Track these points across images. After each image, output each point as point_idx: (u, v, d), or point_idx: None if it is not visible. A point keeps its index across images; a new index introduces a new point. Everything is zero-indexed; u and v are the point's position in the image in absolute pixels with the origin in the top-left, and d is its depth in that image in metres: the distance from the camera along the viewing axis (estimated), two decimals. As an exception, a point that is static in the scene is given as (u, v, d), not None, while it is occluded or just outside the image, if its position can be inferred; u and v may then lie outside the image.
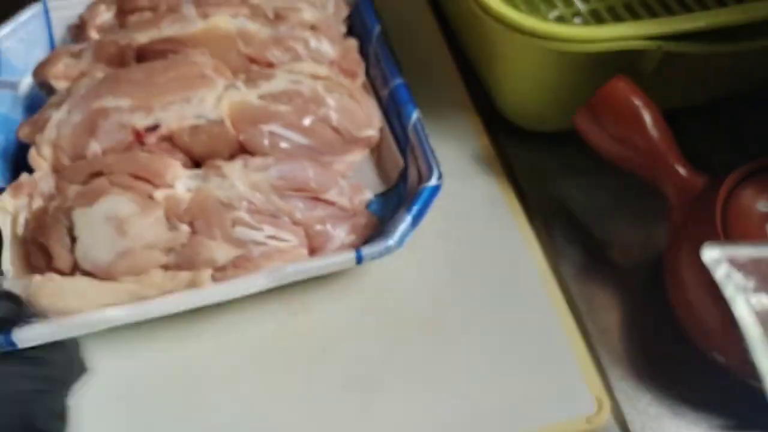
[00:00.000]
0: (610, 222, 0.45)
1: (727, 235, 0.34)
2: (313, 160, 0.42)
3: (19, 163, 0.43)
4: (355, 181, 0.43)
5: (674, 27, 0.38)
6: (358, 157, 0.45)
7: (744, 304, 0.24)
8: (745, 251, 0.24)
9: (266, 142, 0.41)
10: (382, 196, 0.44)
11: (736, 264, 0.24)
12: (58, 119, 0.41)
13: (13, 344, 0.35)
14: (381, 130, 0.46)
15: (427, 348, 0.39)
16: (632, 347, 0.40)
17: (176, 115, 0.41)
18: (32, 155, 0.41)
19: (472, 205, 0.45)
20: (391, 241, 0.38)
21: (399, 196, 0.43)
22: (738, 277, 0.24)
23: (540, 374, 0.38)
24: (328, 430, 0.36)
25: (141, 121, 0.41)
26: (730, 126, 0.49)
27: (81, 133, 0.41)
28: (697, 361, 0.37)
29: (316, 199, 0.40)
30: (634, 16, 0.48)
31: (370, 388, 0.37)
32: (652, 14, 0.48)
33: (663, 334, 0.40)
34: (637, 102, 0.38)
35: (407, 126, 0.43)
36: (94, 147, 0.41)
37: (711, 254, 0.24)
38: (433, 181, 0.40)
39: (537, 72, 0.43)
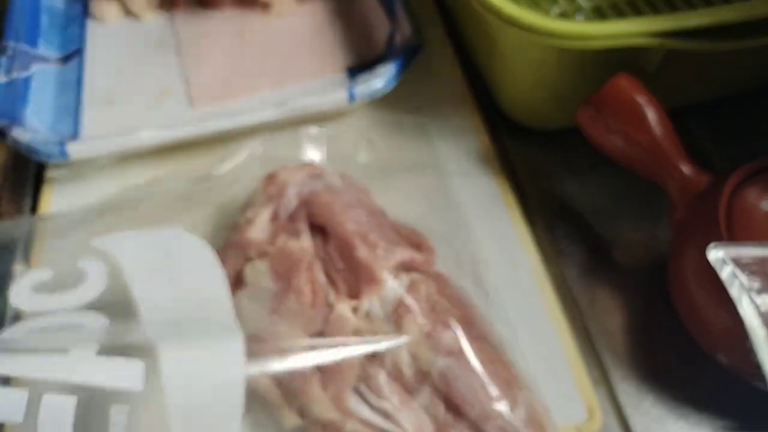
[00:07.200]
0: (612, 221, 0.44)
1: (731, 234, 0.33)
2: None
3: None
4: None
5: (677, 24, 0.38)
6: None
7: (749, 305, 0.24)
8: (750, 251, 0.24)
9: None
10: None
11: (741, 264, 0.24)
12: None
13: (66, 156, 0.43)
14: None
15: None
16: (635, 348, 0.39)
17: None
18: None
19: (470, 204, 0.44)
20: (380, 84, 0.45)
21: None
22: (743, 277, 0.24)
23: (530, 379, 0.37)
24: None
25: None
26: (734, 123, 0.49)
27: None
28: (701, 362, 0.37)
29: None
30: (637, 12, 0.48)
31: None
32: (655, 11, 0.48)
33: (666, 334, 0.39)
34: (640, 99, 0.38)
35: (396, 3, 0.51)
36: None
37: (716, 254, 0.24)
38: (415, 42, 0.48)
39: (538, 69, 0.43)
